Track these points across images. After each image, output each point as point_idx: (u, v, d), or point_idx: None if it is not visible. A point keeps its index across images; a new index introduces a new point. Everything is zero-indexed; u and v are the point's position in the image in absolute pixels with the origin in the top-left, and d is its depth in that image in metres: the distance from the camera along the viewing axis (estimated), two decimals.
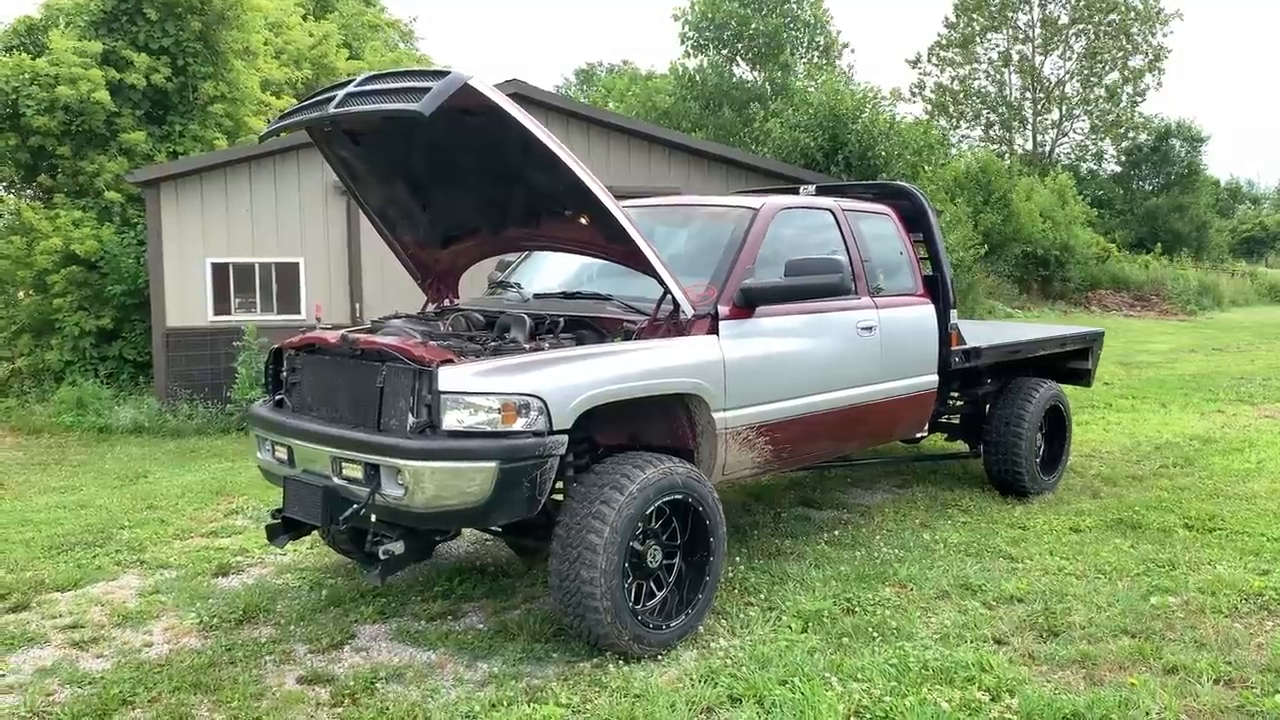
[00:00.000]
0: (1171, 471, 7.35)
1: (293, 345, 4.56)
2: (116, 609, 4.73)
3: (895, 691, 3.61)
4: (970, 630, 4.23)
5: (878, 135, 15.49)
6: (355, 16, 20.04)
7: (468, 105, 3.81)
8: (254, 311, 11.29)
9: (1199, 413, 10.12)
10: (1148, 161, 37.83)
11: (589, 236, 4.57)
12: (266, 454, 4.53)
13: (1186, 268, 30.85)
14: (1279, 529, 5.70)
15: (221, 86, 14.03)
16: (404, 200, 4.94)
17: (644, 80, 27.82)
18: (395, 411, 3.93)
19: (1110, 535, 5.68)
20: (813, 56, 24.25)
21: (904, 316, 5.63)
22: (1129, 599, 4.58)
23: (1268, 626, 4.27)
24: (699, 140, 14.27)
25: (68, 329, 12.86)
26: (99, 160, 13.42)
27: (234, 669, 3.98)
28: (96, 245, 12.65)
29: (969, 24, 41.20)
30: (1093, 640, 4.12)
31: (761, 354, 4.68)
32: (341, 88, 4.06)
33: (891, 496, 6.68)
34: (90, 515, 6.66)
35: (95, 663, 4.11)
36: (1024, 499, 6.47)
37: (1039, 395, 6.61)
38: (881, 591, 4.72)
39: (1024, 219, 25.85)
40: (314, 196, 11.44)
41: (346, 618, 4.54)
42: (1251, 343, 18.08)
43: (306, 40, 17.54)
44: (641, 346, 4.26)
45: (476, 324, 4.73)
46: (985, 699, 3.58)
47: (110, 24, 13.48)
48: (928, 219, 6.12)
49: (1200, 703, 3.54)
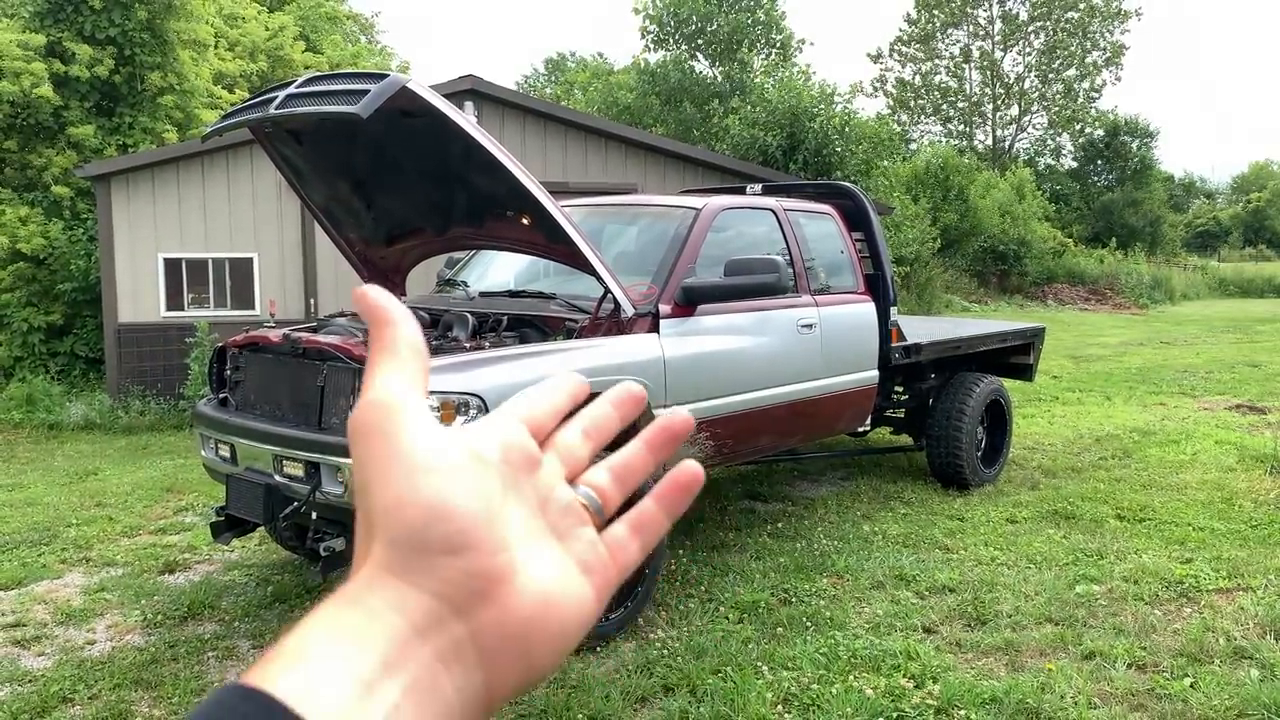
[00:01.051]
0: (1109, 463, 7.55)
1: (236, 344, 4.59)
2: (60, 607, 4.73)
3: (823, 680, 3.73)
4: (901, 620, 4.36)
5: (832, 133, 15.65)
6: (314, 9, 19.86)
7: (407, 107, 3.87)
8: (207, 307, 11.21)
9: (1141, 405, 10.38)
10: (1102, 157, 38.48)
11: (532, 236, 4.64)
12: (210, 452, 4.56)
13: (1140, 262, 31.45)
14: (1206, 519, 5.91)
15: (170, 78, 13.86)
16: (347, 198, 4.98)
17: (606, 75, 27.85)
18: (336, 410, 3.98)
19: (1044, 526, 5.85)
20: (770, 54, 24.38)
21: (844, 314, 5.75)
22: (1055, 588, 4.73)
23: (1185, 613, 4.45)
24: (657, 137, 14.34)
25: (16, 325, 12.68)
26: (47, 154, 13.23)
27: (175, 665, 4.02)
28: (44, 242, 12.49)
29: (930, 20, 41.64)
30: (1017, 628, 4.27)
31: (702, 352, 4.78)
32: (284, 88, 4.09)
33: (836, 489, 6.82)
34: (37, 513, 6.62)
35: (36, 661, 4.13)
36: (965, 491, 6.63)
37: (979, 390, 6.77)
38: (818, 582, 4.85)
39: (982, 214, 26.24)
40: (268, 192, 11.37)
41: (291, 614, 4.58)
42: (1198, 336, 18.50)
43: (262, 33, 17.37)
44: (582, 345, 4.34)
45: (421, 322, 4.79)
46: (909, 686, 3.71)
47: (55, 14, 13.28)
48: (869, 218, 6.25)
49: (1114, 686, 3.69)
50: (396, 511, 0.41)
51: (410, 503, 0.41)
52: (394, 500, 0.42)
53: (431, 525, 0.41)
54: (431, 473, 0.42)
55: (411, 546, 0.41)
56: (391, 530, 0.41)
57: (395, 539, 0.41)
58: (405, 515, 0.41)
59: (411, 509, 0.41)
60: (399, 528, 0.41)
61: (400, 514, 0.41)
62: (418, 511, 0.41)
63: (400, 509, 0.41)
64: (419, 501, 0.41)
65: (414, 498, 0.41)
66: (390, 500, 0.42)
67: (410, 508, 0.41)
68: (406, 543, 0.41)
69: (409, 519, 0.41)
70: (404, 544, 0.41)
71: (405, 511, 0.41)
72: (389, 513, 0.42)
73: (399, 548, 0.41)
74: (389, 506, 0.42)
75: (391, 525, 0.42)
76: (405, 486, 0.42)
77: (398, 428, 0.43)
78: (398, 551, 0.41)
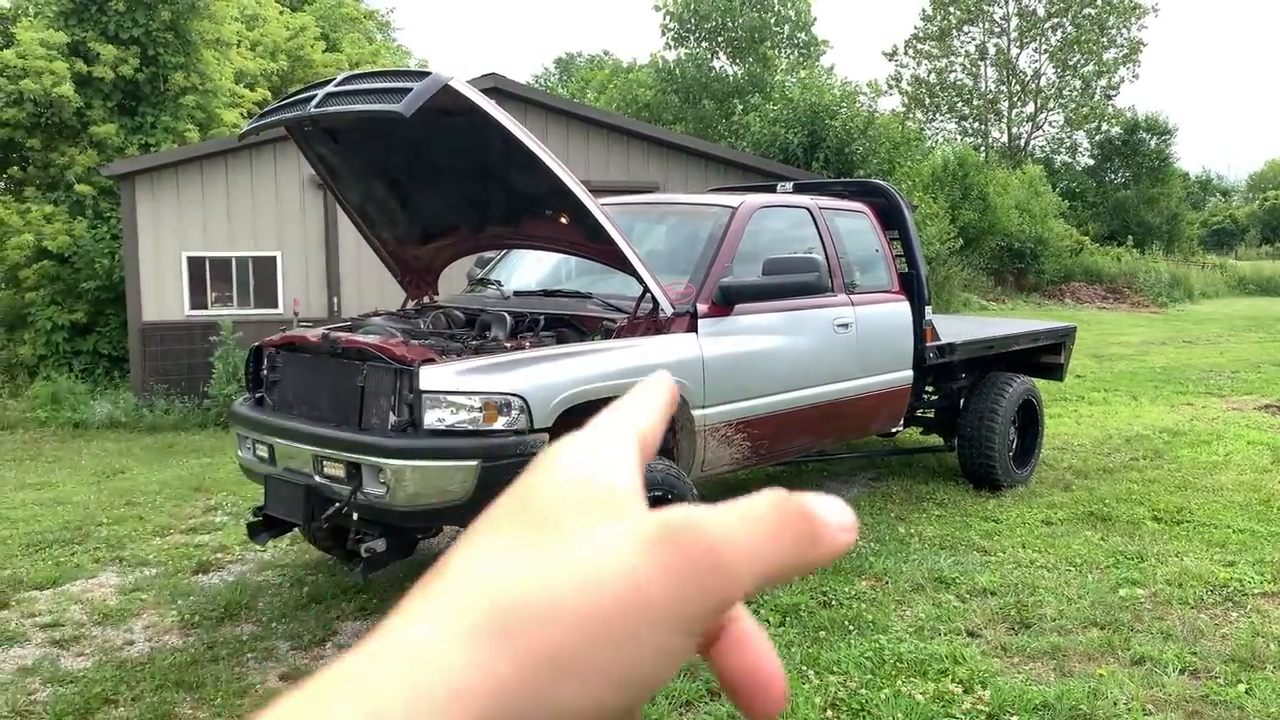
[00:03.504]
0: (1141, 464, 7.48)
1: (273, 344, 4.57)
2: (96, 607, 4.73)
3: (871, 684, 3.69)
4: (944, 623, 4.31)
5: (855, 132, 15.58)
6: (334, 9, 19.89)
7: (448, 105, 3.84)
8: (231, 306, 11.23)
9: (1169, 405, 10.28)
10: (1119, 154, 38.19)
11: (569, 235, 4.61)
12: (247, 452, 4.54)
13: (1158, 260, 31.21)
14: (1245, 521, 5.83)
15: (193, 77, 13.90)
16: (383, 197, 4.96)
17: (624, 73, 27.80)
18: (376, 410, 3.96)
19: (1081, 528, 5.78)
20: (793, 53, 24.30)
21: (880, 313, 5.70)
22: (1098, 591, 4.68)
23: (1232, 617, 4.39)
24: (678, 135, 14.31)
25: (40, 323, 12.73)
26: (70, 153, 13.28)
27: (216, 667, 4.00)
28: (69, 240, 12.53)
29: (946, 17, 41.42)
30: (1063, 632, 4.21)
31: (739, 351, 4.74)
32: (321, 87, 4.07)
33: (867, 490, 6.77)
34: (67, 512, 6.63)
35: (76, 661, 4.12)
36: (997, 492, 6.57)
37: (1012, 390, 6.71)
38: (857, 585, 4.80)
39: (1000, 212, 26.08)
40: (291, 190, 11.38)
41: (328, 614, 4.56)
42: (1221, 335, 18.35)
43: (283, 33, 17.40)
44: (621, 345, 4.31)
45: (457, 322, 4.77)
46: (958, 691, 3.66)
47: (80, 14, 13.33)
48: (903, 216, 6.19)
49: (1166, 693, 3.63)
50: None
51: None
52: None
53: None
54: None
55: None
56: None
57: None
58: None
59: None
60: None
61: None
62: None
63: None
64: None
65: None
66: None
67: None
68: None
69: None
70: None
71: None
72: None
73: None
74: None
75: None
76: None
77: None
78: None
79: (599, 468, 0.36)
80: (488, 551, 0.33)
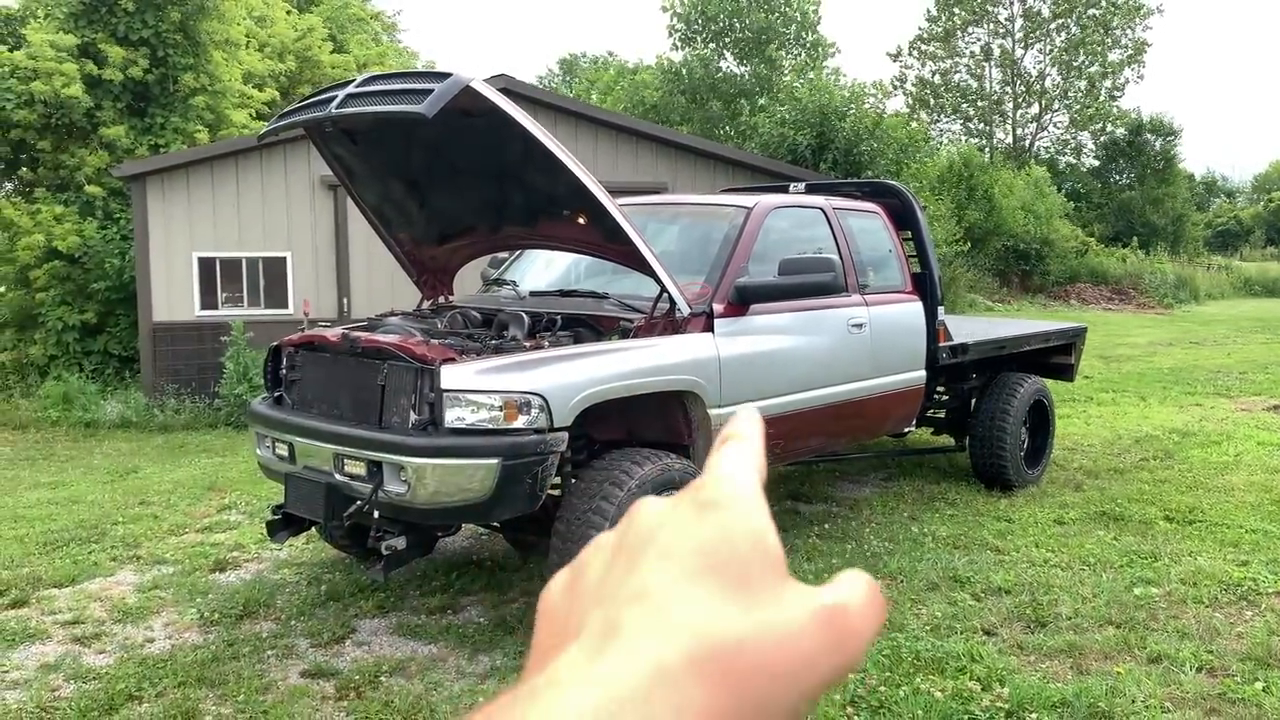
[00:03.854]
0: (1152, 464, 7.49)
1: (292, 343, 4.60)
2: (116, 604, 4.76)
3: (889, 681, 3.71)
4: (960, 621, 4.33)
5: (863, 133, 15.60)
6: (341, 9, 19.93)
7: (468, 106, 3.87)
8: (241, 306, 11.28)
9: (1178, 406, 10.29)
10: (1124, 155, 38.15)
11: (586, 236, 4.63)
12: (266, 451, 4.57)
13: (1163, 261, 31.17)
14: (1257, 520, 5.84)
15: (202, 78, 13.95)
16: (400, 198, 4.98)
17: (631, 74, 27.84)
18: (397, 409, 3.99)
19: (1093, 527, 5.80)
20: (799, 54, 24.32)
21: (893, 313, 5.72)
22: (1113, 590, 4.69)
23: (1247, 616, 4.40)
24: (687, 136, 14.33)
25: (51, 324, 12.79)
26: (80, 154, 13.34)
27: (237, 664, 4.03)
28: (79, 241, 12.59)
29: (950, 18, 41.40)
30: (1079, 630, 4.23)
31: (755, 351, 4.76)
32: (341, 88, 4.10)
33: (879, 490, 6.79)
34: (83, 511, 6.66)
35: (98, 658, 4.15)
36: (1009, 492, 6.58)
37: (1024, 390, 6.72)
38: None
39: (1005, 213, 26.06)
40: (301, 191, 11.42)
41: (346, 612, 4.59)
42: (1228, 336, 18.34)
43: (291, 34, 17.45)
44: (639, 344, 4.33)
45: (474, 321, 4.79)
46: (976, 688, 3.68)
47: (89, 15, 13.38)
48: (916, 217, 6.21)
49: (1184, 690, 3.65)
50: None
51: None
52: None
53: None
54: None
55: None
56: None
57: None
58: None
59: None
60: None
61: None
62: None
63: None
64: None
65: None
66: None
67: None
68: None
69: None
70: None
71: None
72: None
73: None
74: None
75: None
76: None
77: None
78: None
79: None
80: (690, 597, 0.37)
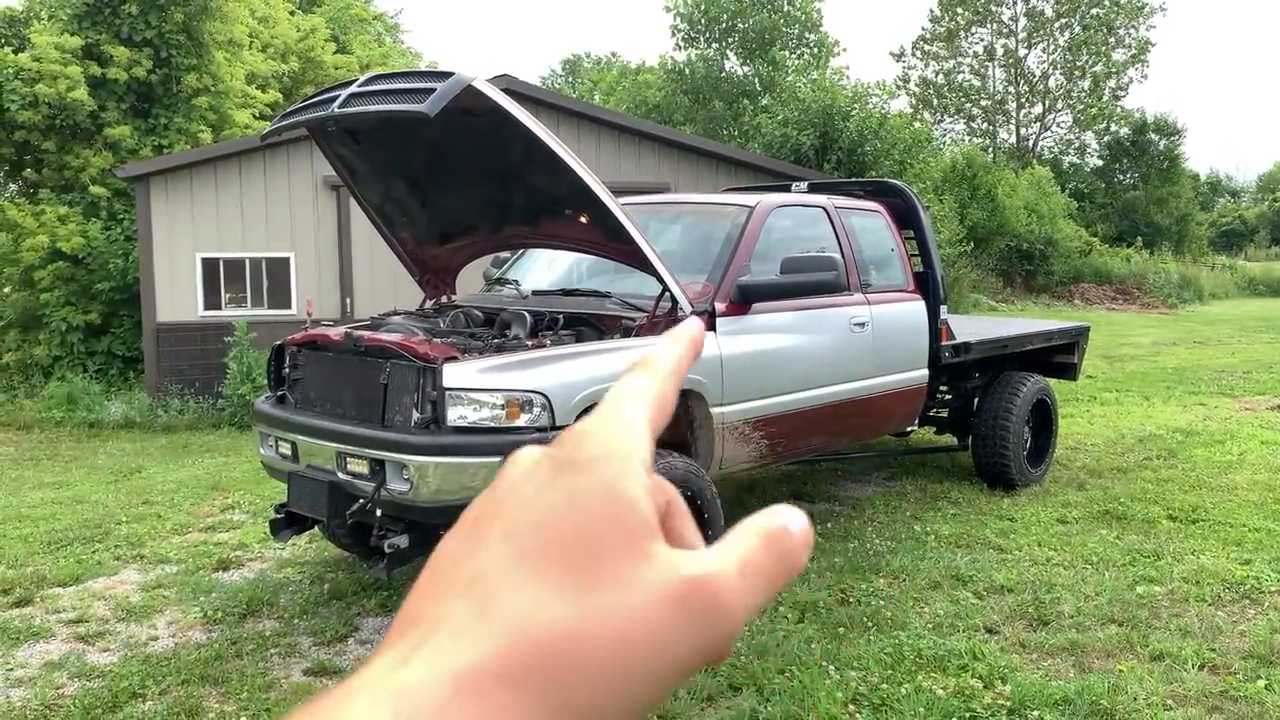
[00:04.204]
0: (1155, 463, 7.48)
1: (295, 342, 4.61)
2: (120, 603, 4.77)
3: (891, 679, 3.71)
4: (962, 619, 4.33)
5: (867, 133, 15.60)
6: (343, 10, 19.97)
7: (470, 106, 3.88)
8: (244, 306, 11.30)
9: (1181, 405, 10.27)
10: (1128, 155, 38.09)
11: (589, 235, 4.64)
12: (269, 449, 4.58)
13: (1167, 261, 31.11)
14: (1260, 519, 5.83)
15: (205, 79, 13.98)
16: (403, 198, 5.00)
17: (634, 74, 27.86)
18: (399, 407, 4.00)
19: (1096, 526, 5.79)
20: (803, 54, 24.32)
21: (896, 312, 5.73)
22: (1115, 588, 4.69)
23: (1250, 614, 4.40)
24: (690, 136, 14.34)
25: (55, 324, 12.82)
26: (84, 155, 13.37)
27: (241, 662, 4.04)
28: (83, 242, 12.62)
29: (953, 18, 41.38)
30: (1081, 629, 4.23)
31: (757, 350, 4.76)
32: (344, 88, 4.11)
33: (882, 489, 6.79)
34: (86, 510, 6.68)
35: (102, 656, 4.16)
36: (1011, 491, 6.58)
37: (1026, 389, 6.72)
38: (875, 582, 4.82)
39: (1008, 213, 26.03)
40: (304, 191, 11.44)
41: (349, 611, 4.60)
42: (1232, 335, 18.30)
43: (294, 34, 17.48)
44: (642, 343, 4.33)
45: (476, 320, 4.80)
46: (979, 686, 3.68)
47: (93, 16, 13.41)
48: (919, 216, 6.21)
49: (1186, 688, 3.65)
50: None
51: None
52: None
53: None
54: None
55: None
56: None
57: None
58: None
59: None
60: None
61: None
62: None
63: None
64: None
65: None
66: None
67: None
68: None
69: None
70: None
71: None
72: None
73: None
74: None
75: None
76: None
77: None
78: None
79: (628, 494, 0.35)
80: (517, 585, 0.33)
